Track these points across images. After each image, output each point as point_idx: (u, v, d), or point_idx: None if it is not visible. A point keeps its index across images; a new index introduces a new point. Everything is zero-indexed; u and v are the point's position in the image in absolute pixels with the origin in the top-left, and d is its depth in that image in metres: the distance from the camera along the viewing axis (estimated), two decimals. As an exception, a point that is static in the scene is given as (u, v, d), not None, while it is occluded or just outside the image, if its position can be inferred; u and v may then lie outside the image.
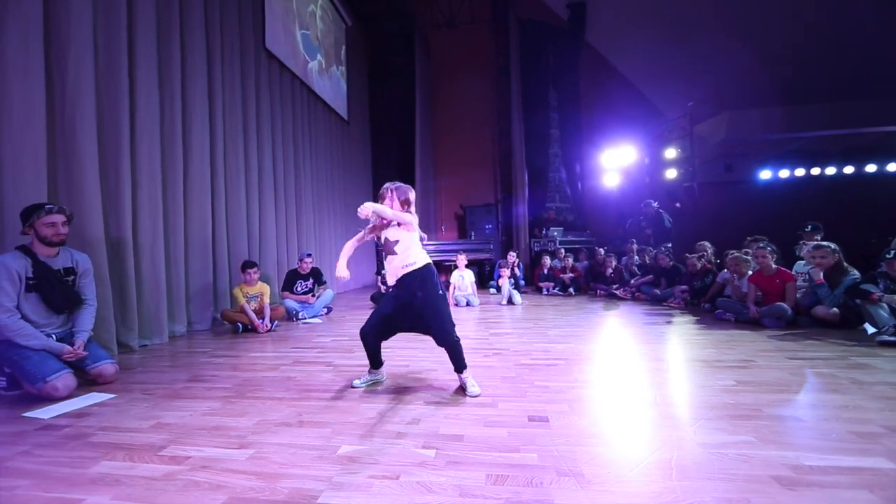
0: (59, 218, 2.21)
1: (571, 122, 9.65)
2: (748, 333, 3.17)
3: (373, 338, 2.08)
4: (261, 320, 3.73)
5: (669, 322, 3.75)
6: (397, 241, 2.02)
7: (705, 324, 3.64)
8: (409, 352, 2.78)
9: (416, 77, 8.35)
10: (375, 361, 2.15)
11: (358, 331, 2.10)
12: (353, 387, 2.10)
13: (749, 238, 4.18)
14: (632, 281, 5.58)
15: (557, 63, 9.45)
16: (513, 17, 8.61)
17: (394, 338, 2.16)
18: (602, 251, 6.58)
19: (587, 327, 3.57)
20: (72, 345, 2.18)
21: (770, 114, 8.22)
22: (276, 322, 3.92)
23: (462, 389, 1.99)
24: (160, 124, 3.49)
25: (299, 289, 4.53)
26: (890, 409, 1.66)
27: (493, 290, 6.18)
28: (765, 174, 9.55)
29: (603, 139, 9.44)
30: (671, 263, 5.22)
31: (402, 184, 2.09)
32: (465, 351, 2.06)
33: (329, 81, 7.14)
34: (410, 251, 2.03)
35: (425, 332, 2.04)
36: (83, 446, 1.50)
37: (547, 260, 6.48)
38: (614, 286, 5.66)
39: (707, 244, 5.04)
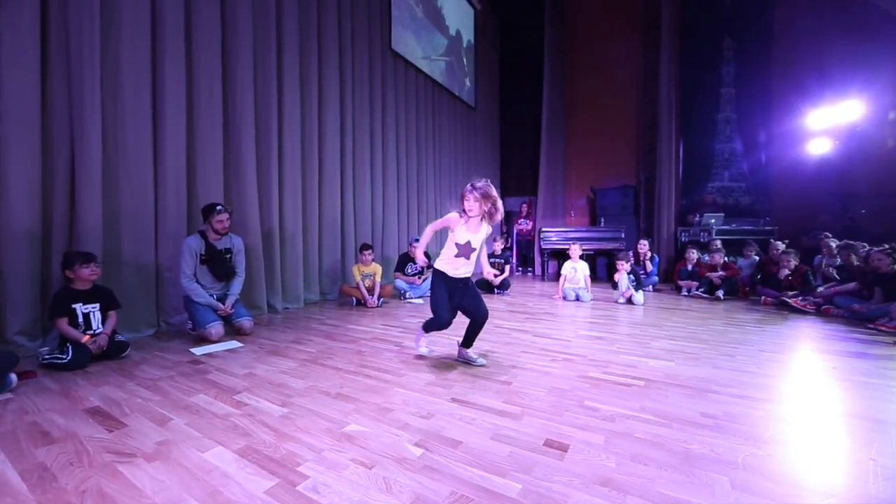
0: (225, 216, 3.00)
1: (755, 76, 7.44)
2: None
3: (448, 320, 2.33)
4: (371, 297, 4.25)
5: (868, 354, 2.61)
6: (475, 251, 2.27)
7: (935, 365, 2.39)
8: (478, 343, 2.73)
9: (545, 50, 7.78)
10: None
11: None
12: (473, 363, 2.32)
13: None
14: (820, 288, 4.06)
15: (737, 1, 7.34)
16: (671, -45, 7.06)
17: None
18: (780, 245, 4.98)
19: (713, 344, 2.81)
20: (224, 304, 2.96)
21: None
22: (384, 299, 4.40)
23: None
24: (301, 128, 4.25)
25: (409, 271, 4.95)
26: None
27: (612, 286, 5.43)
28: None
29: (810, 94, 7.00)
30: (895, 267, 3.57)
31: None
32: (536, 351, 2.55)
33: (456, 70, 7.34)
34: (476, 263, 2.35)
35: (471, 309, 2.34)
36: (199, 380, 2.04)
37: (692, 254, 5.29)
38: (790, 293, 4.23)
39: (974, 242, 3.24)
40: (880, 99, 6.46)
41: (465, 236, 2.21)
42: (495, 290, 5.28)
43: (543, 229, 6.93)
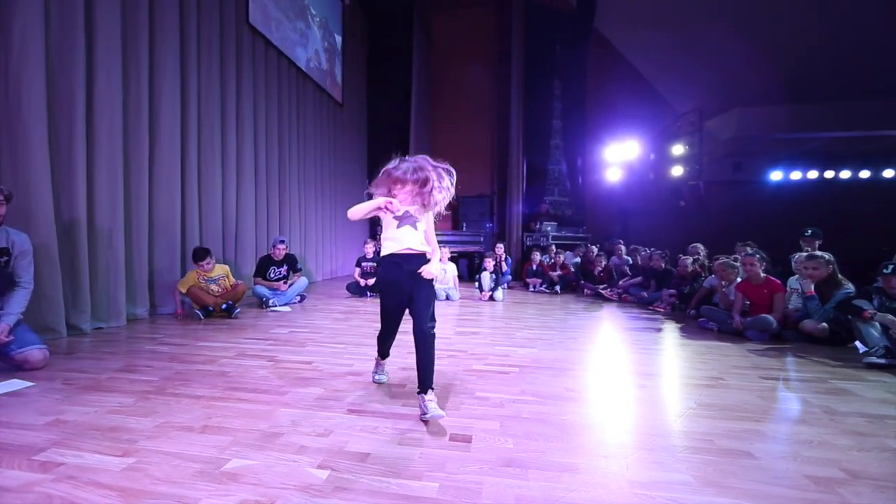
0: (-5, 198, 2.09)
1: (575, 114, 9.32)
2: (727, 346, 2.98)
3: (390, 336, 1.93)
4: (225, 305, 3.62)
5: (650, 329, 3.57)
6: (419, 220, 1.81)
7: (687, 332, 3.45)
8: (361, 349, 2.65)
9: (413, 61, 8.06)
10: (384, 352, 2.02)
11: (324, 321, 2.02)
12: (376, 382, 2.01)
13: (739, 243, 3.94)
14: (620, 282, 5.37)
15: (564, 51, 9.08)
16: (518, 0, 8.24)
17: (349, 337, 2.09)
18: (594, 248, 6.35)
19: (560, 330, 3.40)
20: (-4, 328, 2.08)
21: (778, 112, 7.83)
22: (238, 309, 3.79)
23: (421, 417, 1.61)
24: (123, 101, 3.33)
25: (272, 275, 4.41)
26: (858, 447, 1.48)
27: (477, 285, 6.00)
28: (775, 175, 9.18)
29: (607, 132, 9.12)
30: (665, 266, 4.99)
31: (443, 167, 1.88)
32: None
33: (322, 61, 6.92)
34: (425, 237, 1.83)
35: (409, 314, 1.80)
36: (-39, 444, 1.39)
37: (536, 255, 6.28)
38: (602, 286, 5.46)
39: (700, 246, 4.79)
40: (649, 143, 8.91)
41: (401, 207, 1.76)
42: (367, 294, 5.17)
43: (413, 232, 7.13)
